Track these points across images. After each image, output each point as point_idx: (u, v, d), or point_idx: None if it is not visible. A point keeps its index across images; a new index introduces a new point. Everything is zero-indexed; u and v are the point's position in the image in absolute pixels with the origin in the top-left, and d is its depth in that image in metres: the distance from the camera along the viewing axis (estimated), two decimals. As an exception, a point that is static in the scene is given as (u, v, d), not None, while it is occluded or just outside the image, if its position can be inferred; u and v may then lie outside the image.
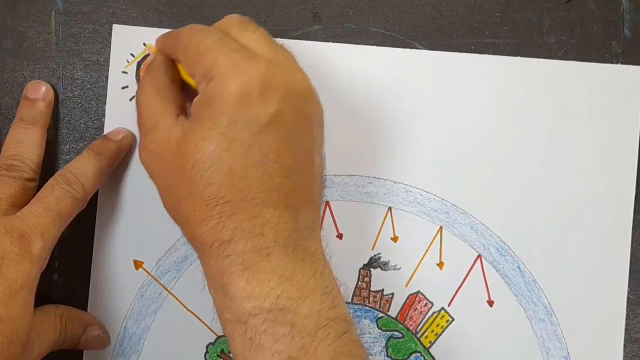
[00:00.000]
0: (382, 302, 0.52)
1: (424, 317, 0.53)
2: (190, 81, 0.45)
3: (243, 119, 0.41)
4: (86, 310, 0.52)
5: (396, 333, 0.53)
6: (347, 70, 0.52)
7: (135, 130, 0.51)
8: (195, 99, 0.43)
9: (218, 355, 0.52)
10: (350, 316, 0.43)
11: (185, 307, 0.52)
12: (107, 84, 0.52)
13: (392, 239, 0.52)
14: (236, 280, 0.41)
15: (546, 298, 0.52)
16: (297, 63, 0.45)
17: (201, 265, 0.43)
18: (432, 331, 0.53)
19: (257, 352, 0.40)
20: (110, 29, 0.52)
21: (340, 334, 0.41)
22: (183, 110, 0.45)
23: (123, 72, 0.52)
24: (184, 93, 0.47)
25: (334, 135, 0.52)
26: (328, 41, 0.52)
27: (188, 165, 0.41)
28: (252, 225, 0.41)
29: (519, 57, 0.52)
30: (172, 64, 0.47)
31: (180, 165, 0.42)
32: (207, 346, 0.52)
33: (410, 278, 0.52)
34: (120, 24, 0.52)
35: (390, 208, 0.52)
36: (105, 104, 0.52)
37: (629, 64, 0.52)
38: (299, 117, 0.42)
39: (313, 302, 0.41)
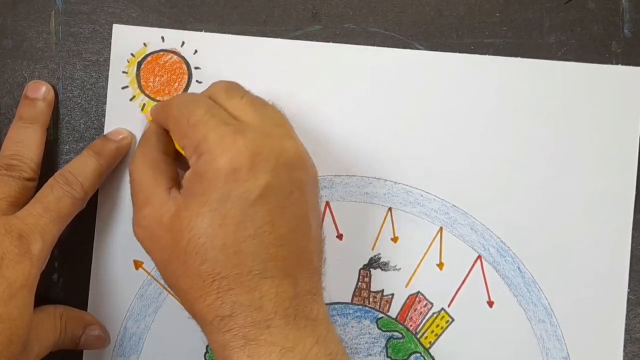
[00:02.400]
0: (382, 303, 0.52)
1: (424, 318, 0.53)
2: (183, 152, 0.45)
3: (234, 194, 0.41)
4: (86, 310, 0.52)
5: (396, 333, 0.53)
6: (347, 70, 0.52)
7: (134, 131, 0.51)
8: (187, 174, 0.43)
9: (218, 356, 0.52)
10: None
11: (185, 307, 0.52)
12: (107, 84, 0.52)
13: (392, 239, 0.52)
14: (238, 355, 0.41)
15: (546, 299, 0.52)
16: (287, 126, 0.45)
17: (205, 337, 0.43)
18: (432, 332, 0.53)
19: None
20: (110, 29, 0.52)
21: None
22: (175, 182, 0.45)
23: (123, 72, 0.52)
24: (178, 162, 0.47)
25: (334, 136, 0.52)
26: (328, 41, 0.52)
27: (183, 242, 0.41)
28: (251, 299, 0.41)
29: (519, 58, 0.52)
30: (165, 133, 0.47)
31: (174, 242, 0.42)
32: (207, 346, 0.52)
33: (410, 278, 0.52)
34: (120, 24, 0.52)
35: (390, 208, 0.52)
36: (105, 104, 0.52)
37: (628, 64, 0.52)
38: (290, 186, 0.42)
39: None
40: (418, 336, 0.53)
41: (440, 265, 0.52)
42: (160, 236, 0.43)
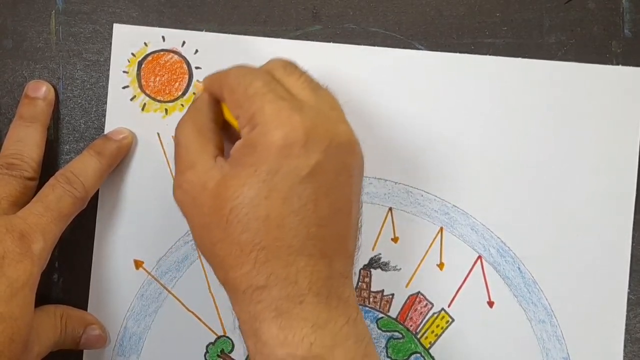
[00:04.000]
0: (382, 303, 0.52)
1: (424, 318, 0.53)
2: (234, 122, 0.44)
3: (284, 170, 0.41)
4: (86, 310, 0.52)
5: (396, 334, 0.53)
6: (347, 70, 0.52)
7: (135, 130, 0.52)
8: (237, 143, 0.43)
9: (218, 355, 0.52)
10: None
11: (185, 307, 0.52)
12: (107, 84, 0.52)
13: (392, 239, 0.52)
14: (269, 327, 0.41)
15: (546, 299, 0.52)
16: (341, 111, 0.45)
17: (233, 307, 0.43)
18: (432, 332, 0.53)
19: None
20: (110, 29, 0.52)
21: None
22: (221, 151, 0.45)
23: (124, 71, 0.52)
24: (224, 132, 0.46)
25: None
26: (328, 41, 0.52)
27: (225, 210, 0.41)
28: (287, 273, 0.41)
29: (519, 58, 0.52)
30: (216, 103, 0.46)
31: (216, 208, 0.42)
32: (207, 346, 0.52)
33: (411, 279, 0.52)
34: (120, 23, 0.52)
35: (390, 209, 0.52)
36: (105, 104, 0.52)
37: (629, 64, 0.52)
38: (339, 169, 0.42)
39: (346, 350, 0.41)
40: (418, 336, 0.53)
41: (441, 265, 0.52)
42: (202, 201, 0.42)
